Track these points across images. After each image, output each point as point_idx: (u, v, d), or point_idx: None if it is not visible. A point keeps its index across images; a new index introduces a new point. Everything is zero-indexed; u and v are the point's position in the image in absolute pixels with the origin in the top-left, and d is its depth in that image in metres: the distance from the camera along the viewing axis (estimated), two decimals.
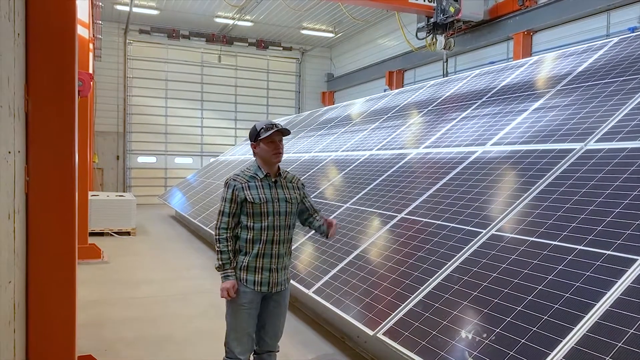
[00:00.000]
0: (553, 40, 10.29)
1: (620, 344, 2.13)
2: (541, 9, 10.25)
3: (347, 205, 5.39)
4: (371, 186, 5.53)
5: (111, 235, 9.52)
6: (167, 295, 5.61)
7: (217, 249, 2.73)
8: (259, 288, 2.72)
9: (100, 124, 16.27)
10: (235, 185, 2.72)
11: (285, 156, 9.35)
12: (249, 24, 16.27)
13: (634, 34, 5.17)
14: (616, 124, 3.74)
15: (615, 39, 5.28)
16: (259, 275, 2.72)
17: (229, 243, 2.71)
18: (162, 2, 14.52)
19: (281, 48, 18.82)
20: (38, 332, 2.61)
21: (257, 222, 2.70)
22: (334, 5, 14.10)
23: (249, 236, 2.71)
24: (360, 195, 5.47)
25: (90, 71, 11.25)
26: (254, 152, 2.81)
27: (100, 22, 13.52)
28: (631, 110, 3.80)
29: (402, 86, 14.76)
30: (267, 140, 2.72)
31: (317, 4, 14.04)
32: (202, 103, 17.95)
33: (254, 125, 2.80)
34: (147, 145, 17.28)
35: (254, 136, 2.76)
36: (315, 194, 6.33)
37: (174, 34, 17.24)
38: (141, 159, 17.25)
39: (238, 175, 2.77)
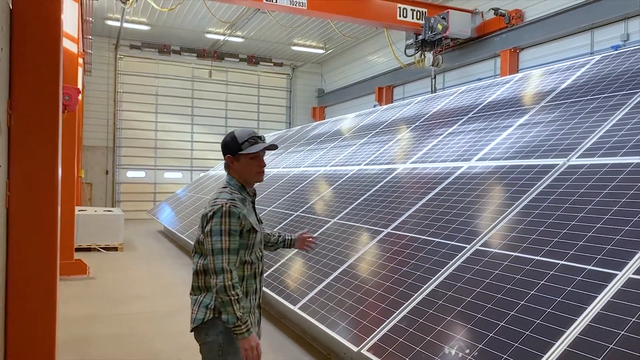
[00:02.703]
0: (539, 57, 10.46)
1: (599, 359, 2.14)
2: (527, 27, 10.44)
3: (335, 220, 5.39)
4: (359, 201, 5.55)
5: (98, 250, 9.42)
6: (155, 312, 5.55)
7: (232, 298, 2.08)
8: (254, 330, 2.29)
9: (89, 138, 16.22)
10: (240, 213, 2.18)
11: (274, 171, 9.37)
12: (240, 39, 16.38)
13: (616, 52, 5.28)
14: (598, 140, 3.80)
15: (598, 57, 5.38)
16: (252, 316, 2.30)
17: (241, 288, 2.17)
18: (153, 17, 14.60)
19: (272, 64, 18.94)
20: (17, 349, 2.57)
21: (254, 253, 2.27)
22: (324, 22, 14.26)
23: (247, 273, 2.25)
24: (347, 210, 5.48)
25: (80, 86, 11.24)
26: (229, 167, 2.31)
27: (90, 37, 13.56)
28: (612, 126, 3.86)
29: (392, 102, 14.89)
30: (250, 155, 2.26)
31: (308, 21, 14.19)
32: (193, 118, 17.97)
33: (233, 134, 2.28)
34: (137, 159, 17.23)
35: (233, 148, 2.26)
36: (303, 208, 6.34)
37: (164, 49, 17.30)
38: (130, 174, 17.18)
39: (233, 199, 2.21)
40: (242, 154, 2.24)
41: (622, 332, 2.20)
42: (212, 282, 2.11)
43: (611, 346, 2.17)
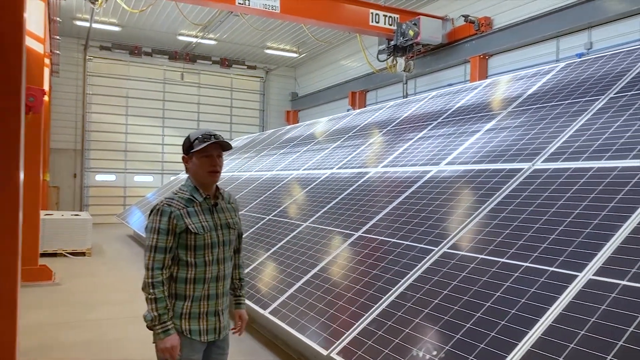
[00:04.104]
0: (507, 63, 10.70)
1: (561, 359, 2.19)
2: (496, 34, 10.67)
3: (307, 223, 5.39)
4: (330, 204, 5.56)
5: (65, 256, 9.19)
6: (123, 318, 5.44)
7: (149, 296, 2.08)
8: (204, 338, 2.22)
9: (57, 140, 15.83)
10: (171, 212, 2.15)
11: (247, 174, 9.32)
12: (212, 42, 16.26)
13: (580, 59, 5.44)
14: (561, 144, 3.90)
15: (562, 64, 5.54)
16: (204, 323, 2.21)
17: (164, 288, 2.12)
18: (123, 18, 14.36)
19: (245, 67, 18.86)
20: None
21: (199, 256, 2.19)
22: (297, 26, 14.27)
23: (189, 275, 2.18)
24: (319, 213, 5.49)
25: (46, 87, 10.97)
26: (185, 167, 2.30)
27: (58, 37, 13.25)
28: (575, 132, 3.97)
29: (365, 106, 15.00)
30: (202, 154, 2.20)
31: (281, 25, 14.19)
32: (164, 120, 17.73)
33: (188, 135, 2.27)
34: (106, 162, 16.90)
35: (187, 148, 2.24)
36: (275, 212, 6.31)
37: (135, 51, 17.04)
38: (99, 177, 16.83)
39: (172, 199, 2.21)
40: (194, 152, 2.22)
41: (583, 332, 2.26)
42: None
43: (572, 346, 2.23)
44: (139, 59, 17.20)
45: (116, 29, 14.98)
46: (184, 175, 13.90)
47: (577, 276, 2.58)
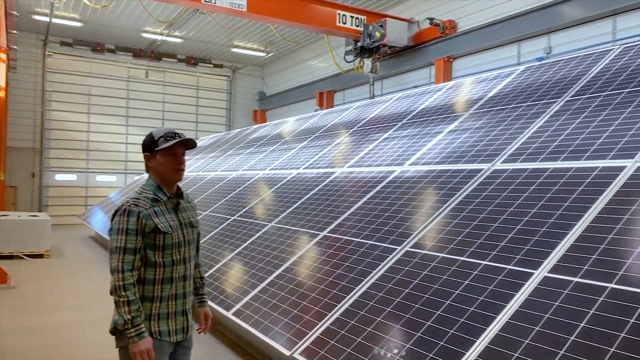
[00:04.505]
0: (471, 66, 10.93)
1: (516, 354, 2.25)
2: (460, 37, 10.87)
3: (272, 223, 5.37)
4: (296, 204, 5.55)
5: (22, 258, 8.87)
6: (81, 322, 5.28)
7: (121, 299, 2.05)
8: (174, 338, 2.22)
9: (14, 139, 15.26)
10: (139, 212, 2.13)
11: (212, 174, 9.22)
12: (178, 40, 16.01)
13: (539, 63, 5.60)
14: (520, 146, 4.01)
15: (522, 68, 5.69)
16: (173, 323, 2.21)
17: (135, 289, 2.09)
18: (85, 14, 13.97)
19: (212, 65, 18.64)
20: None
21: (167, 256, 2.19)
22: (264, 25, 14.20)
23: (158, 276, 2.17)
24: (285, 213, 5.47)
25: (2, 83, 10.58)
26: (147, 166, 2.28)
27: (15, 32, 12.80)
28: (533, 133, 4.09)
29: (332, 106, 15.05)
30: (167, 152, 2.21)
31: (248, 23, 14.09)
32: (128, 119, 17.35)
33: (150, 133, 2.27)
34: (67, 162, 16.40)
35: (150, 146, 2.23)
36: (240, 212, 6.26)
37: (98, 48, 16.61)
38: (60, 177, 16.32)
39: (137, 198, 2.18)
40: (158, 151, 2.22)
41: (537, 328, 2.33)
42: (110, 280, 2.10)
43: (527, 341, 2.29)
44: (101, 56, 16.78)
45: (77, 24, 14.57)
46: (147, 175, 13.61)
47: (533, 274, 2.65)
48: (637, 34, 8.16)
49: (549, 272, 2.61)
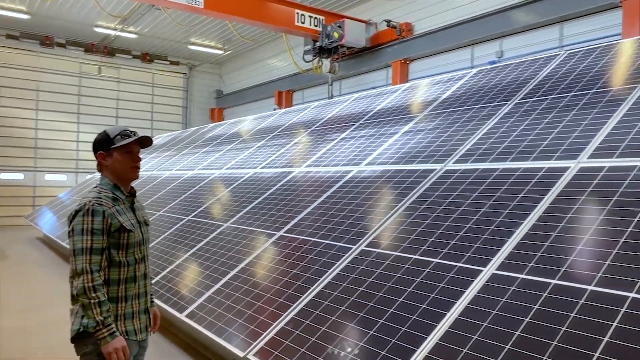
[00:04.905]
0: (427, 69, 11.14)
1: (465, 350, 2.31)
2: (416, 39, 11.07)
3: (228, 224, 5.30)
4: (253, 204, 5.50)
5: None
6: (25, 327, 5.06)
7: (92, 301, 2.00)
8: (139, 337, 2.23)
9: None
10: (104, 211, 2.11)
11: (166, 173, 9.02)
12: (132, 35, 15.57)
13: (490, 66, 5.77)
14: (471, 147, 4.12)
15: (474, 71, 5.85)
16: (138, 322, 2.22)
17: (104, 290, 2.07)
18: (33, 6, 13.39)
19: (168, 62, 18.24)
20: None
21: (130, 255, 2.19)
22: (222, 23, 14.02)
23: (122, 275, 2.16)
24: (241, 213, 5.42)
25: None
26: (101, 164, 2.25)
27: None
28: (484, 134, 4.21)
29: (291, 106, 15.02)
30: (124, 150, 2.22)
31: (205, 20, 13.87)
32: (79, 116, 16.74)
33: (104, 132, 2.25)
34: (13, 160, 15.66)
35: (105, 144, 2.21)
36: (195, 212, 6.16)
37: (47, 42, 15.94)
38: (5, 176, 15.57)
39: (99, 197, 2.15)
40: (115, 149, 2.21)
41: (485, 324, 2.39)
42: (74, 283, 2.03)
43: (475, 337, 2.35)
44: (50, 50, 16.12)
45: (24, 16, 13.93)
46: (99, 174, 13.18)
47: (481, 271, 2.73)
48: (582, 40, 8.54)
49: (496, 269, 2.69)
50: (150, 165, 10.76)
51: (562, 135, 3.61)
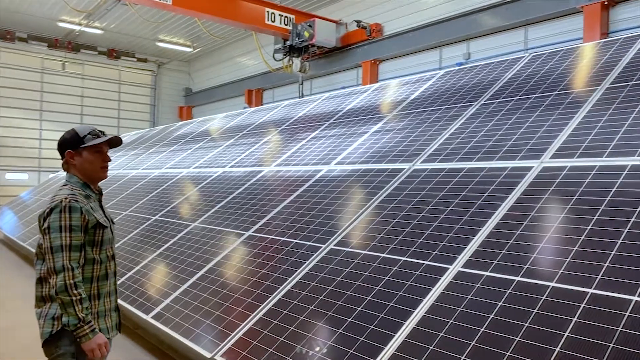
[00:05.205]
0: (396, 69, 11.27)
1: (432, 347, 2.34)
2: (386, 40, 11.18)
3: (196, 223, 5.23)
4: (222, 204, 5.45)
5: None
6: None
7: (73, 298, 1.97)
8: (111, 334, 2.24)
9: None
10: (82, 208, 2.10)
11: (133, 172, 8.84)
12: (98, 31, 15.22)
13: (457, 68, 5.87)
14: (438, 146, 4.18)
15: (442, 72, 5.93)
16: (110, 320, 2.22)
17: (83, 287, 2.06)
18: None
19: (135, 59, 17.91)
20: None
21: (103, 252, 2.19)
22: (191, 20, 13.84)
23: (95, 273, 2.15)
24: (210, 212, 5.35)
25: None
26: (69, 163, 2.24)
27: None
28: (450, 135, 4.27)
29: (262, 104, 14.95)
30: (94, 149, 2.23)
31: (174, 17, 13.66)
32: (42, 113, 16.27)
33: (73, 130, 2.24)
34: None
35: (74, 143, 2.21)
36: (163, 212, 6.05)
37: (8, 36, 15.44)
38: None
39: (74, 194, 2.13)
40: (84, 148, 2.22)
41: (451, 321, 2.43)
42: (52, 281, 1.99)
43: (441, 334, 2.38)
44: (11, 45, 15.61)
45: None
46: (64, 173, 12.82)
47: (448, 269, 2.77)
48: (546, 44, 8.78)
49: (462, 266, 2.74)
50: (116, 164, 10.53)
51: (526, 136, 3.70)
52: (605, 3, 8.15)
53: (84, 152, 2.21)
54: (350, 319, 2.76)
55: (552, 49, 5.04)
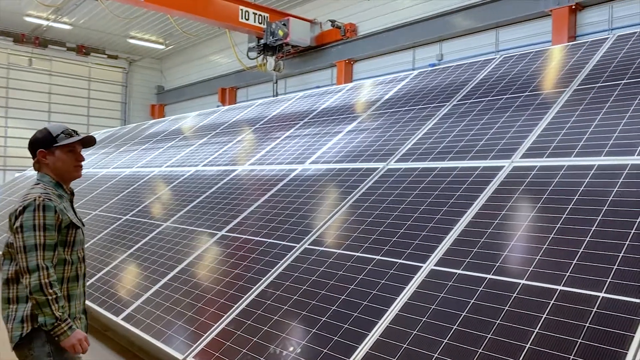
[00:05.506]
0: (371, 70, 11.33)
1: (405, 345, 2.35)
2: (360, 40, 11.23)
3: (168, 223, 5.15)
4: (194, 203, 5.37)
5: None
6: None
7: (50, 297, 1.94)
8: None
9: None
10: (56, 207, 2.07)
11: (103, 171, 8.66)
12: (67, 26, 14.85)
13: (430, 69, 5.93)
14: (412, 146, 4.21)
15: (415, 72, 5.99)
16: (79, 322, 2.17)
17: (59, 286, 2.04)
18: None
19: (106, 56, 17.55)
20: None
21: (74, 253, 2.16)
22: (164, 17, 13.63)
23: (67, 274, 2.11)
24: (182, 212, 5.28)
25: None
26: (41, 162, 2.20)
27: None
28: (424, 134, 4.31)
29: (235, 103, 14.83)
30: (67, 148, 2.20)
31: (146, 14, 13.43)
32: (7, 110, 15.79)
33: (46, 129, 2.22)
34: None
35: (47, 142, 2.17)
36: (134, 211, 5.94)
37: None
38: None
39: (47, 193, 2.10)
40: (57, 147, 2.19)
41: (424, 319, 2.45)
42: (25, 281, 1.94)
43: (415, 332, 2.40)
44: None
45: None
46: (31, 172, 12.46)
47: (421, 267, 2.79)
48: (516, 46, 8.95)
49: (435, 265, 2.76)
50: (86, 162, 10.26)
51: (497, 136, 3.76)
52: (573, 7, 8.37)
53: (56, 152, 2.19)
54: (324, 319, 2.75)
55: (522, 51, 5.14)
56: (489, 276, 2.52)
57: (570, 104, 3.71)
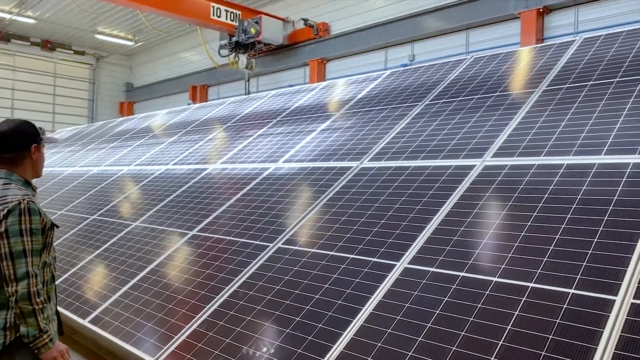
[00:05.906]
0: (343, 69, 11.35)
1: (379, 344, 2.34)
2: (332, 40, 11.24)
3: (137, 223, 5.03)
4: (164, 202, 5.27)
5: None
6: None
7: (37, 307, 1.87)
8: (56, 339, 2.09)
9: None
10: (39, 209, 1.99)
11: (69, 170, 8.42)
12: (31, 20, 14.39)
13: (403, 69, 5.97)
14: (385, 145, 4.22)
15: (388, 72, 6.02)
16: (55, 324, 2.10)
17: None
18: None
19: (72, 51, 17.08)
20: None
21: (50, 254, 2.09)
22: (133, 12, 13.34)
23: (46, 276, 2.05)
24: (152, 212, 5.16)
25: None
26: (25, 157, 2.07)
27: None
28: (397, 134, 4.33)
29: (207, 101, 14.64)
30: (43, 146, 2.17)
31: (114, 9, 13.12)
32: None
33: (30, 122, 2.14)
34: None
35: (37, 136, 2.09)
36: (101, 211, 5.78)
37: None
38: None
39: (27, 195, 2.00)
40: (42, 143, 2.15)
41: (399, 317, 2.45)
42: (11, 289, 1.84)
43: (389, 331, 2.39)
44: None
45: None
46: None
47: (395, 265, 2.79)
48: (486, 47, 9.11)
49: (409, 263, 2.77)
50: (51, 160, 9.98)
51: (468, 135, 3.80)
52: (541, 10, 8.57)
53: (42, 148, 2.14)
54: (298, 318, 2.73)
55: (492, 53, 5.22)
56: (462, 274, 2.54)
57: (539, 105, 3.78)
